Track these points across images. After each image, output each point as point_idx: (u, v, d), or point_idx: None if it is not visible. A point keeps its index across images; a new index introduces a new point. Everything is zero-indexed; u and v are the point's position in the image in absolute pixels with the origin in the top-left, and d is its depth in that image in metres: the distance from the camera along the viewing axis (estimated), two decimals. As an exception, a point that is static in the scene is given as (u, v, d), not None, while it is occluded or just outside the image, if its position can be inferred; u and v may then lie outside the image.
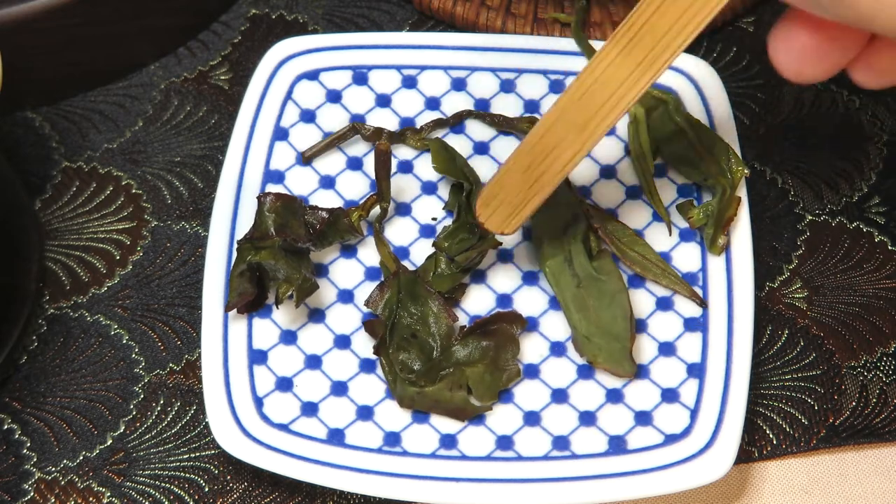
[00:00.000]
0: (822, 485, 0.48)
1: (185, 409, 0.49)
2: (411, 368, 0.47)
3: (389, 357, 0.47)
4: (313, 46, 0.54)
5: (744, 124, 0.55)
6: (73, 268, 0.53)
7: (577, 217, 0.49)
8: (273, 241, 0.48)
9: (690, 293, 0.48)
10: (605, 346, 0.47)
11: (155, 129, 0.56)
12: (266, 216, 0.48)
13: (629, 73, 0.38)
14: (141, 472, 0.48)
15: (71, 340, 0.51)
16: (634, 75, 0.38)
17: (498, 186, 0.43)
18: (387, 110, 0.54)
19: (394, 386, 0.47)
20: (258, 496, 0.48)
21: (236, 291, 0.47)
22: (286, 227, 0.48)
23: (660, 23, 0.36)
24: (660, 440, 0.46)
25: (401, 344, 0.47)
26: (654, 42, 0.37)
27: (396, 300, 0.48)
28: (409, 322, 0.48)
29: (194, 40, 0.59)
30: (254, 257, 0.47)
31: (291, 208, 0.49)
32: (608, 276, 0.48)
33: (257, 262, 0.47)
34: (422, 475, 0.45)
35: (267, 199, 0.48)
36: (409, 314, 0.48)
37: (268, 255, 0.47)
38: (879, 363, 0.50)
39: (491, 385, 0.47)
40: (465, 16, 0.57)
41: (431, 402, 0.46)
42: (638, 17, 0.37)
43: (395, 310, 0.48)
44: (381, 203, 0.50)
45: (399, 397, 0.47)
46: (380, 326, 0.48)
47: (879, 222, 0.53)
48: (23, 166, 0.55)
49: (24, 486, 0.48)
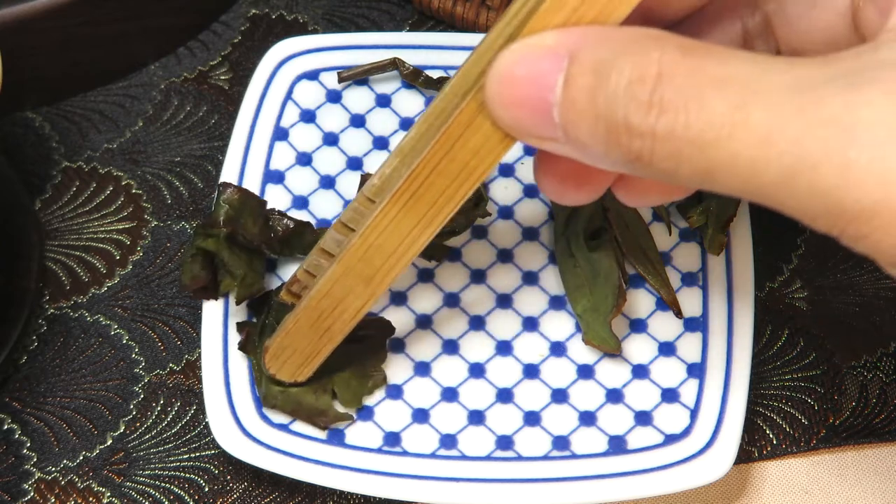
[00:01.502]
0: (822, 485, 0.48)
1: (185, 409, 0.49)
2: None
3: (257, 355, 0.47)
4: (313, 46, 0.54)
5: (744, 124, 0.55)
6: (73, 268, 0.53)
7: None
8: (219, 231, 0.47)
9: (672, 300, 0.48)
10: (592, 322, 0.47)
11: (155, 129, 0.56)
12: (221, 205, 0.48)
13: (411, 229, 0.39)
14: (141, 472, 0.48)
15: (71, 340, 0.51)
16: (416, 231, 0.39)
17: (287, 340, 0.44)
18: (387, 110, 0.54)
19: (258, 383, 0.46)
20: (258, 496, 0.48)
21: (188, 274, 0.47)
22: (237, 221, 0.47)
23: (438, 181, 0.37)
24: (660, 440, 0.46)
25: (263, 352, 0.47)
26: (434, 198, 0.38)
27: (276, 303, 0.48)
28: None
29: (194, 40, 0.59)
30: (202, 243, 0.47)
31: (249, 205, 0.48)
32: (602, 256, 0.48)
33: (204, 248, 0.47)
34: (422, 475, 0.45)
35: (227, 189, 0.48)
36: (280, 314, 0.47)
37: (213, 244, 0.47)
38: (879, 363, 0.50)
39: (356, 391, 0.47)
40: (465, 16, 0.57)
41: (294, 404, 0.46)
42: (417, 176, 0.37)
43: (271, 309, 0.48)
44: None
45: (263, 396, 0.46)
46: (251, 326, 0.47)
47: (879, 222, 0.53)
48: (23, 166, 0.55)
49: (24, 486, 0.48)
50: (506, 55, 0.33)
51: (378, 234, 0.39)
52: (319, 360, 0.45)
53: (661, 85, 0.30)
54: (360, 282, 0.41)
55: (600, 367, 0.48)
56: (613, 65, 0.31)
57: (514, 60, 0.33)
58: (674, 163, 0.31)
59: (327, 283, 0.42)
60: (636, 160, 0.31)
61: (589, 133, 0.32)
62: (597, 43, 0.32)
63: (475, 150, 0.36)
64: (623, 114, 0.31)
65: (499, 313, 0.49)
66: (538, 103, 0.33)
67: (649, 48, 0.31)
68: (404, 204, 0.38)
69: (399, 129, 0.53)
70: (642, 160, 0.31)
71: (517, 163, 0.53)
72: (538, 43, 0.33)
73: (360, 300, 0.42)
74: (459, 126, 0.35)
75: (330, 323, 0.43)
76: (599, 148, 0.32)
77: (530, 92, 0.33)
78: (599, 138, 0.32)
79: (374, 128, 0.53)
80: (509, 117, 0.34)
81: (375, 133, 0.53)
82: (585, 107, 0.32)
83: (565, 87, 0.32)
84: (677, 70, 0.30)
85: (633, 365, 0.48)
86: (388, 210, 0.38)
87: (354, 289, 0.42)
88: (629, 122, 0.31)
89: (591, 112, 0.32)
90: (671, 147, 0.31)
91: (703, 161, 0.30)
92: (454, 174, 0.37)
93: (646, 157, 0.31)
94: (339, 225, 0.42)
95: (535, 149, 0.53)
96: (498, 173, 0.52)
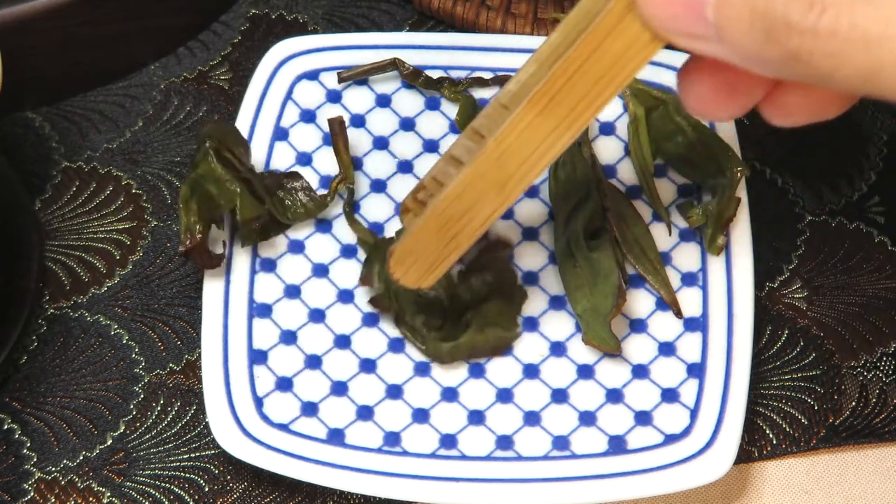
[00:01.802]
0: (822, 485, 0.48)
1: (185, 409, 0.49)
2: (435, 326, 0.48)
3: (410, 325, 0.48)
4: (313, 46, 0.54)
5: (744, 124, 0.55)
6: (73, 268, 0.53)
7: (589, 195, 0.49)
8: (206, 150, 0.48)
9: (672, 300, 0.48)
10: (592, 322, 0.47)
11: (155, 129, 0.56)
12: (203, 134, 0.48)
13: (548, 134, 0.38)
14: (141, 472, 0.48)
15: (71, 340, 0.51)
16: (554, 135, 0.38)
17: (412, 243, 0.43)
18: (387, 110, 0.54)
19: (426, 349, 0.48)
20: (258, 496, 0.48)
21: (184, 227, 0.47)
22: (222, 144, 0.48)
23: (579, 84, 0.36)
24: (660, 440, 0.46)
25: (412, 309, 0.48)
26: (574, 102, 0.37)
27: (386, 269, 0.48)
28: None
29: (194, 40, 0.59)
30: (192, 174, 0.47)
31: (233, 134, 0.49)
32: (602, 256, 0.48)
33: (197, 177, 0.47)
34: (422, 475, 0.45)
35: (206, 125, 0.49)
36: None
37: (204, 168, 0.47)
38: (879, 363, 0.50)
39: (511, 312, 0.48)
40: (465, 16, 0.57)
41: (469, 349, 0.47)
42: (557, 78, 0.36)
43: (389, 279, 0.47)
44: (348, 184, 0.51)
45: (437, 357, 0.48)
46: (385, 300, 0.48)
47: (879, 222, 0.53)
48: (23, 166, 0.55)
49: (24, 486, 0.48)
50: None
51: (514, 137, 0.38)
52: (445, 268, 0.44)
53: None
54: (492, 187, 0.40)
55: (600, 367, 0.48)
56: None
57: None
58: (834, 62, 0.30)
59: (458, 188, 0.40)
60: (793, 59, 0.30)
61: (744, 31, 0.31)
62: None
63: (620, 53, 0.35)
64: (782, 10, 0.30)
65: (499, 313, 0.49)
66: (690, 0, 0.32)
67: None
68: (543, 107, 0.37)
69: (399, 129, 0.53)
70: (800, 59, 0.30)
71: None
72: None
73: (490, 207, 0.41)
74: (605, 27, 0.34)
75: (457, 230, 0.42)
76: (755, 46, 0.31)
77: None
78: (755, 36, 0.31)
79: (374, 128, 0.53)
80: (660, 16, 0.33)
81: (375, 133, 0.53)
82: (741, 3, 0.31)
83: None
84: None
85: (633, 365, 0.48)
86: (525, 113, 0.37)
87: (486, 194, 0.40)
88: (788, 18, 0.30)
89: (747, 8, 0.31)
90: (833, 46, 0.30)
91: (867, 61, 0.29)
92: (597, 77, 0.36)
93: (804, 57, 0.30)
94: (470, 131, 0.41)
95: None
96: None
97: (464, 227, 0.42)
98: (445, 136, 0.53)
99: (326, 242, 0.51)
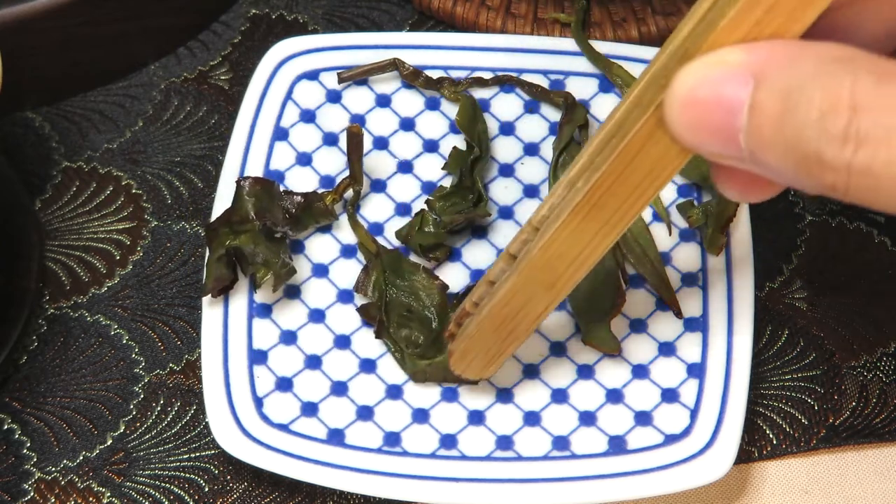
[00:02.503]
0: (822, 485, 0.48)
1: (185, 409, 0.49)
2: (416, 343, 0.48)
3: (392, 336, 0.48)
4: (313, 46, 0.54)
5: (744, 124, 0.55)
6: (73, 268, 0.53)
7: None
8: (253, 226, 0.48)
9: (672, 300, 0.48)
10: (592, 323, 0.47)
11: (155, 129, 0.56)
12: (245, 200, 0.48)
13: (593, 236, 0.39)
14: (141, 472, 0.48)
15: (71, 340, 0.51)
16: (598, 237, 0.39)
17: (472, 343, 0.44)
18: (387, 110, 0.54)
19: (403, 363, 0.47)
20: (258, 496, 0.48)
21: (213, 277, 0.48)
22: (266, 211, 0.48)
23: (620, 190, 0.37)
24: (660, 440, 0.46)
25: (399, 321, 0.48)
26: (616, 207, 0.38)
27: (383, 279, 0.48)
28: (402, 298, 0.48)
29: (194, 40, 0.59)
30: (233, 241, 0.48)
31: (270, 192, 0.49)
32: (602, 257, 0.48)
33: (236, 246, 0.48)
34: (422, 475, 0.45)
35: (246, 182, 0.49)
36: (399, 290, 0.48)
37: (247, 240, 0.48)
38: (879, 363, 0.50)
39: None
40: (465, 16, 0.57)
41: (443, 370, 0.47)
42: (598, 187, 0.37)
43: (385, 289, 0.48)
44: (354, 186, 0.51)
45: (412, 373, 0.47)
46: (374, 309, 0.48)
47: (880, 222, 0.53)
48: (23, 166, 0.55)
49: (24, 486, 0.48)
50: (686, 75, 0.32)
51: (559, 243, 0.40)
52: (505, 358, 0.45)
53: (856, 117, 0.29)
54: (541, 288, 0.42)
55: (600, 367, 0.48)
56: (802, 92, 0.30)
57: (695, 82, 0.32)
58: (872, 195, 0.29)
59: (508, 294, 0.42)
60: (830, 190, 0.30)
61: (777, 161, 0.31)
62: (783, 65, 0.30)
63: (655, 161, 0.36)
64: (815, 147, 0.30)
65: (499, 313, 0.49)
66: (723, 127, 0.31)
67: (839, 74, 0.29)
68: (586, 214, 0.38)
69: (399, 129, 0.53)
70: (836, 191, 0.30)
71: (517, 163, 0.53)
72: (721, 62, 0.31)
73: (542, 304, 0.42)
74: (639, 140, 0.35)
75: (513, 326, 0.43)
76: (789, 174, 0.31)
77: (714, 117, 0.31)
78: (789, 167, 0.31)
79: (373, 128, 0.53)
80: (691, 139, 0.33)
81: (375, 133, 0.53)
82: (773, 135, 0.30)
83: (751, 114, 0.31)
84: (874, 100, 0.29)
85: (633, 365, 0.48)
86: (569, 220, 0.39)
87: (536, 295, 0.42)
88: (821, 156, 0.29)
89: (779, 141, 0.30)
90: (869, 181, 0.29)
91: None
92: (635, 183, 0.37)
93: (840, 189, 0.30)
94: (506, 255, 0.43)
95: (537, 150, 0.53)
96: (498, 173, 0.52)
97: (518, 323, 0.43)
98: (445, 136, 0.53)
99: (327, 243, 0.51)
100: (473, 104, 0.52)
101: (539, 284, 0.42)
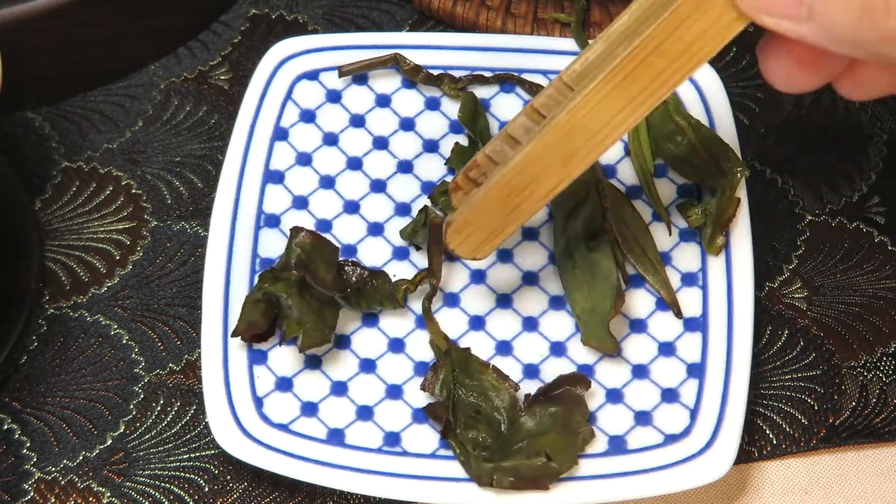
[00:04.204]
0: (822, 485, 0.48)
1: (185, 409, 0.49)
2: (483, 445, 0.45)
3: (458, 438, 0.45)
4: (313, 46, 0.54)
5: (744, 124, 0.55)
6: (73, 268, 0.53)
7: (588, 195, 0.49)
8: (290, 275, 0.46)
9: (672, 300, 0.48)
10: (591, 323, 0.47)
11: (155, 129, 0.56)
12: (293, 249, 0.47)
13: (621, 109, 0.38)
14: (141, 472, 0.48)
15: (71, 340, 0.51)
16: (626, 111, 0.38)
17: (473, 214, 0.43)
18: (387, 110, 0.54)
19: (468, 465, 0.45)
20: (258, 496, 0.48)
21: (246, 320, 0.47)
22: (309, 265, 0.46)
23: (657, 62, 0.36)
24: (660, 440, 0.46)
25: (467, 423, 0.46)
26: (649, 80, 0.37)
27: (452, 378, 0.47)
28: (471, 398, 0.46)
29: (194, 40, 0.59)
30: (270, 287, 0.46)
31: (321, 250, 0.47)
32: (601, 257, 0.48)
33: (272, 293, 0.46)
34: (422, 475, 0.45)
35: (299, 233, 0.47)
36: (467, 390, 0.46)
37: (282, 288, 0.46)
38: (879, 363, 0.50)
39: (568, 449, 0.45)
40: (465, 16, 0.57)
41: (511, 474, 0.44)
42: (635, 55, 0.36)
43: (453, 388, 0.46)
44: (432, 280, 0.48)
45: (476, 476, 0.44)
46: (442, 409, 0.46)
47: (879, 222, 0.53)
48: (23, 166, 0.55)
49: (24, 486, 0.48)
50: None
51: (586, 112, 0.38)
52: (503, 238, 0.43)
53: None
54: (558, 160, 0.40)
55: (600, 367, 0.48)
56: None
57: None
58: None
59: (523, 160, 0.41)
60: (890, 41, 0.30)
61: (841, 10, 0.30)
62: None
63: (702, 32, 0.35)
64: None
65: (499, 313, 0.49)
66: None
67: None
68: (618, 83, 0.37)
69: (399, 129, 0.53)
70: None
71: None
72: None
73: (554, 179, 0.41)
74: (688, 6, 0.34)
75: (519, 201, 0.42)
76: (849, 26, 0.30)
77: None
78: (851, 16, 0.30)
79: (373, 128, 0.53)
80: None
81: (375, 133, 0.53)
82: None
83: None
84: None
85: (633, 365, 0.48)
86: (599, 88, 0.37)
87: (551, 167, 0.40)
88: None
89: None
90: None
91: None
92: (675, 55, 0.36)
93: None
94: (529, 110, 0.41)
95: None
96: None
97: (526, 198, 0.42)
98: (445, 136, 0.53)
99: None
100: (475, 100, 0.52)
101: (557, 155, 0.40)
